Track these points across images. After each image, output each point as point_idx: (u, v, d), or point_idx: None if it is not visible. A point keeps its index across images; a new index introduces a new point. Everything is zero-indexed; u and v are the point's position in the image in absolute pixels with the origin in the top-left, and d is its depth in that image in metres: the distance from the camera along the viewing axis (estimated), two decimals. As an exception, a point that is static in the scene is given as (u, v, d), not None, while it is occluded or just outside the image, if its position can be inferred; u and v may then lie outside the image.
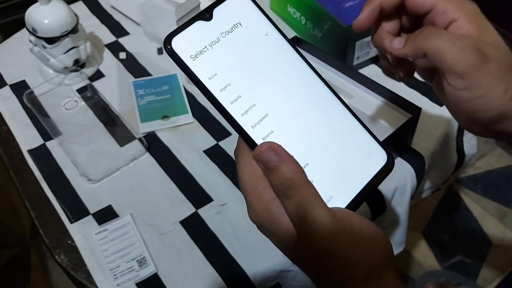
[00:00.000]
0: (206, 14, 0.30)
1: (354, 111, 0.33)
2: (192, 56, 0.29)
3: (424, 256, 1.21)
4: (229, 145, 0.63)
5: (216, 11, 0.30)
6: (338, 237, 0.27)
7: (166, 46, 0.29)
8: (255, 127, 0.30)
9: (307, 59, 0.33)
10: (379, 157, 0.33)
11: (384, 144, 0.33)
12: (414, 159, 0.61)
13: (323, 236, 0.27)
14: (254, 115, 0.30)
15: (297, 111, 0.31)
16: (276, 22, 0.32)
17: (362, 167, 0.32)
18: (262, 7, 0.32)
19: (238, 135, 0.31)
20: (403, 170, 0.60)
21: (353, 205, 0.31)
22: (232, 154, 0.62)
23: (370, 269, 0.28)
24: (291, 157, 0.29)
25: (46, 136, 0.64)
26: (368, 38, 0.69)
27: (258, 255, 0.52)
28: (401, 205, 0.62)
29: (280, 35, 0.32)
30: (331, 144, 0.32)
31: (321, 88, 0.33)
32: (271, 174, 0.28)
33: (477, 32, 0.33)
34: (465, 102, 0.32)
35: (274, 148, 0.28)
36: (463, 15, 0.33)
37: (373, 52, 0.72)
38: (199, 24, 0.30)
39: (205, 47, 0.30)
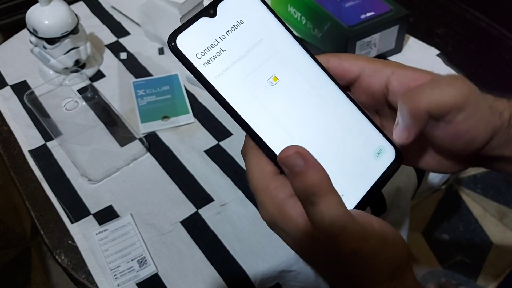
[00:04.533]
0: (210, 10, 0.29)
1: None
2: (197, 55, 0.29)
3: (425, 256, 1.21)
4: (230, 145, 0.63)
5: (221, 7, 0.30)
6: (365, 241, 0.28)
7: (170, 44, 0.28)
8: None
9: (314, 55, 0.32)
10: (388, 153, 0.33)
11: (392, 139, 0.33)
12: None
13: (352, 239, 0.27)
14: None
15: (304, 108, 0.31)
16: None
17: (371, 163, 0.32)
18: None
19: (245, 134, 0.30)
20: (404, 170, 0.60)
21: (364, 202, 0.31)
22: (232, 154, 0.62)
23: (392, 269, 0.29)
24: (318, 162, 0.28)
25: (47, 137, 0.64)
26: (369, 38, 0.69)
27: (259, 255, 0.52)
28: (401, 205, 0.62)
29: (286, 30, 0.32)
30: (340, 140, 0.32)
31: (328, 83, 0.32)
32: (295, 179, 0.28)
33: (417, 73, 0.32)
34: (466, 132, 0.31)
35: (301, 152, 0.28)
36: (394, 68, 0.33)
37: (373, 52, 0.72)
38: (203, 21, 0.29)
39: (211, 44, 0.29)
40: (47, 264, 1.21)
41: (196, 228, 0.54)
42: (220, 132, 0.64)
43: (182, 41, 0.28)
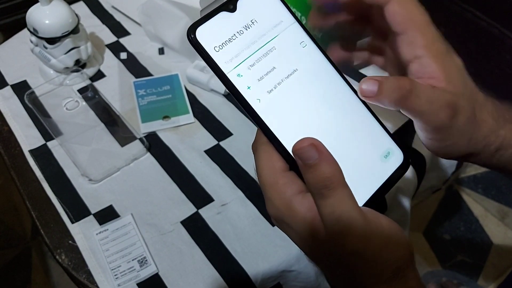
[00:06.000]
0: (230, 5, 0.30)
1: None
2: (216, 48, 0.29)
3: (425, 256, 1.21)
4: (230, 145, 0.63)
5: (240, 2, 0.30)
6: (371, 238, 0.28)
7: (190, 36, 0.29)
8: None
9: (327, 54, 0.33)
10: (396, 156, 0.33)
11: (400, 142, 0.33)
12: (415, 159, 0.61)
13: (357, 237, 0.27)
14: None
15: (317, 107, 0.31)
16: None
17: (379, 165, 0.32)
18: None
19: (257, 128, 0.31)
20: (404, 170, 0.60)
21: (370, 204, 0.31)
22: (233, 154, 0.62)
23: (396, 267, 0.29)
24: (331, 155, 0.28)
25: (47, 136, 0.64)
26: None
27: (259, 255, 0.52)
28: (402, 205, 0.62)
29: (302, 28, 0.32)
30: (350, 142, 0.32)
31: (340, 84, 0.33)
32: (308, 171, 0.28)
33: (442, 75, 0.33)
34: (437, 146, 0.35)
35: (316, 145, 0.28)
36: (429, 54, 0.33)
37: (374, 52, 0.71)
38: (223, 15, 0.30)
39: (229, 38, 0.30)
40: (47, 264, 1.21)
41: (197, 228, 0.54)
42: (220, 132, 0.64)
43: (201, 34, 0.29)
